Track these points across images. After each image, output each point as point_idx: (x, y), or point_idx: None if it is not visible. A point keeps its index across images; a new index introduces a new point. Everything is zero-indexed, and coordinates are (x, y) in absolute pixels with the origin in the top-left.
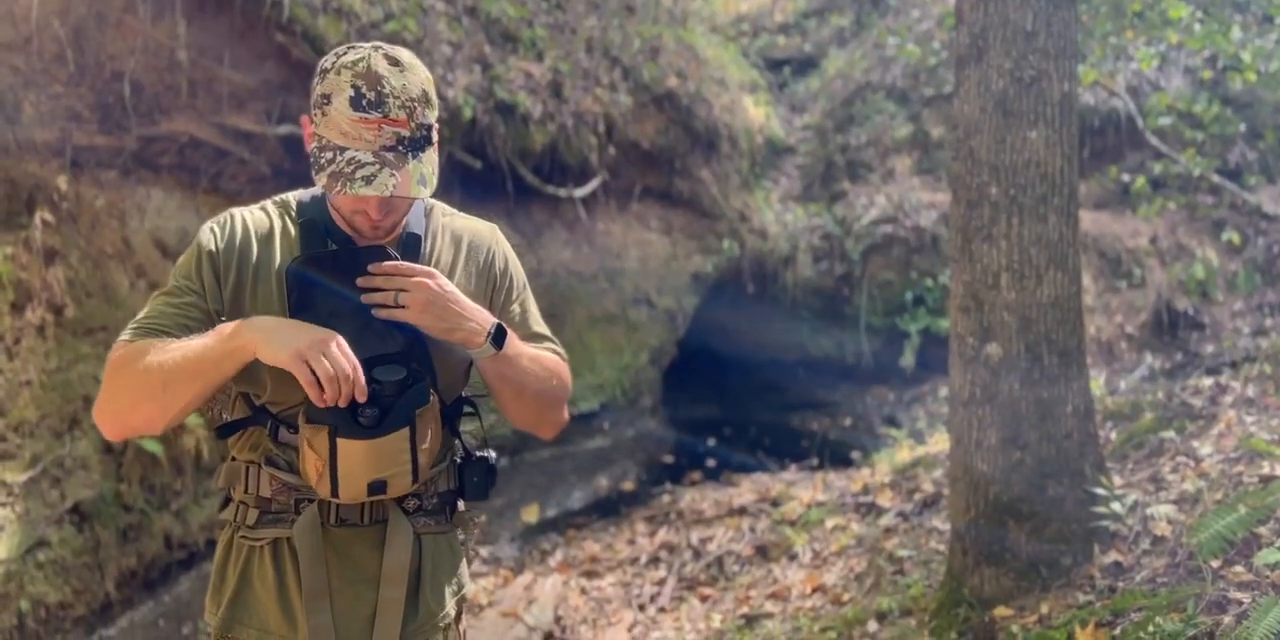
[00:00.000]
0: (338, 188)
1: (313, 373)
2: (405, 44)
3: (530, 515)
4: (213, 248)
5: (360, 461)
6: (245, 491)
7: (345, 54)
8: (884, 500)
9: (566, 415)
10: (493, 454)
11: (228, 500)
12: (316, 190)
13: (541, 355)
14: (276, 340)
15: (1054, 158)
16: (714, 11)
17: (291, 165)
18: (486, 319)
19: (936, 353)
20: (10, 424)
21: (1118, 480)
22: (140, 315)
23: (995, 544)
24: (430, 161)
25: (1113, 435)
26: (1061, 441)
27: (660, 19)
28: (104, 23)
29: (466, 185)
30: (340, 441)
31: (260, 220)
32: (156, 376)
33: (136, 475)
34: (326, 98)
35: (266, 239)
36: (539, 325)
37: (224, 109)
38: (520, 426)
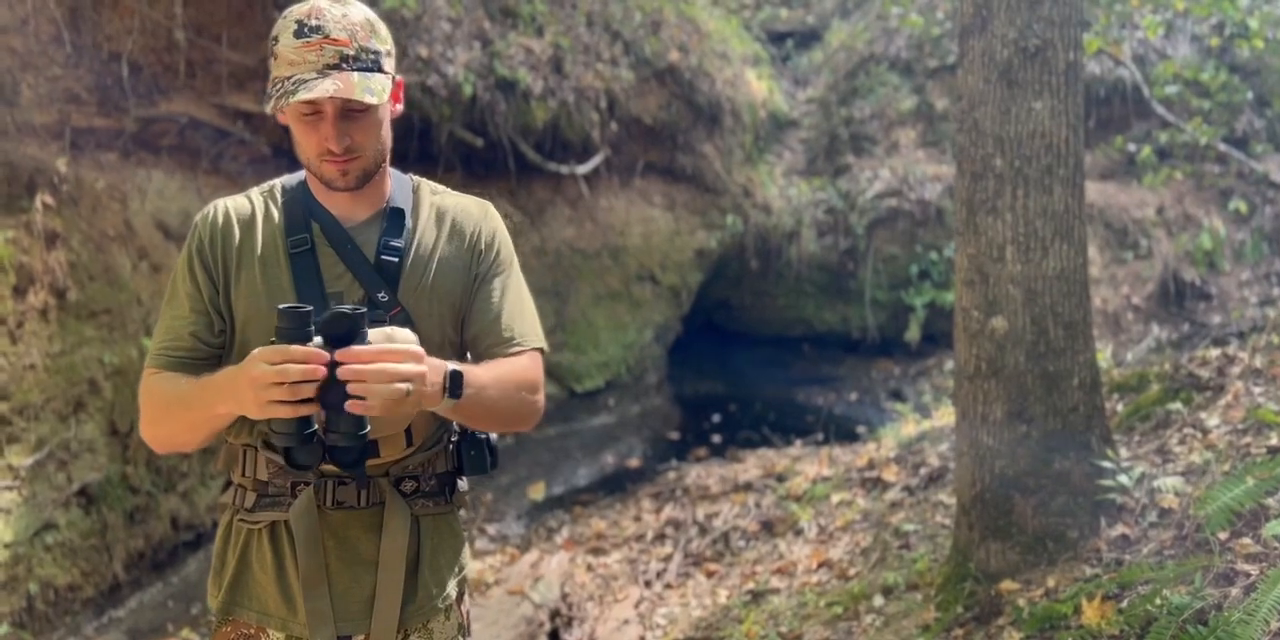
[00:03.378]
0: (281, 103)
1: (284, 403)
2: (404, 21)
3: (536, 493)
4: (197, 244)
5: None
6: (243, 474)
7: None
8: (889, 475)
9: (540, 406)
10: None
11: (229, 483)
12: (301, 173)
13: (505, 374)
14: (238, 403)
15: (1059, 128)
16: None
17: (293, 145)
18: (438, 372)
19: (942, 327)
20: (15, 407)
21: (1124, 453)
22: (156, 337)
23: (1001, 518)
24: (380, 83)
25: (1119, 407)
26: (1068, 415)
27: None
28: (101, 3)
29: (468, 163)
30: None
31: (242, 206)
32: (181, 419)
33: (143, 457)
34: (275, 39)
35: (249, 224)
36: (513, 317)
37: (223, 89)
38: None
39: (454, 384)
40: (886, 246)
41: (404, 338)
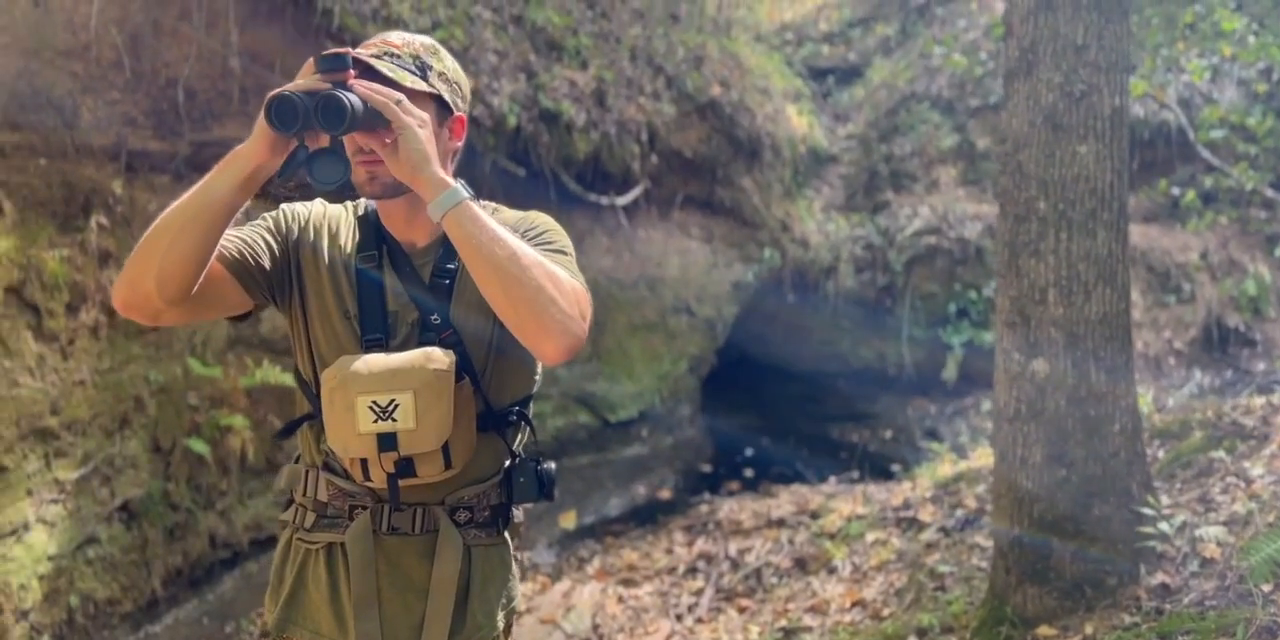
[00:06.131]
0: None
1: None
2: (452, 52)
3: (568, 522)
4: (287, 208)
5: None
6: (304, 494)
7: None
8: (925, 515)
9: (573, 330)
10: (550, 464)
11: (289, 501)
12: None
13: (528, 249)
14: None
15: (1104, 172)
16: (758, 20)
17: None
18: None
19: (980, 366)
20: (64, 422)
21: (1165, 500)
22: None
23: (1039, 562)
24: (413, 81)
25: (1160, 454)
26: (1108, 460)
27: (704, 28)
28: (160, 30)
29: (510, 192)
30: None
31: (335, 211)
32: (167, 224)
33: (184, 475)
34: None
35: (335, 229)
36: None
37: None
38: (517, 336)
39: (455, 189)
40: (925, 284)
41: (439, 356)
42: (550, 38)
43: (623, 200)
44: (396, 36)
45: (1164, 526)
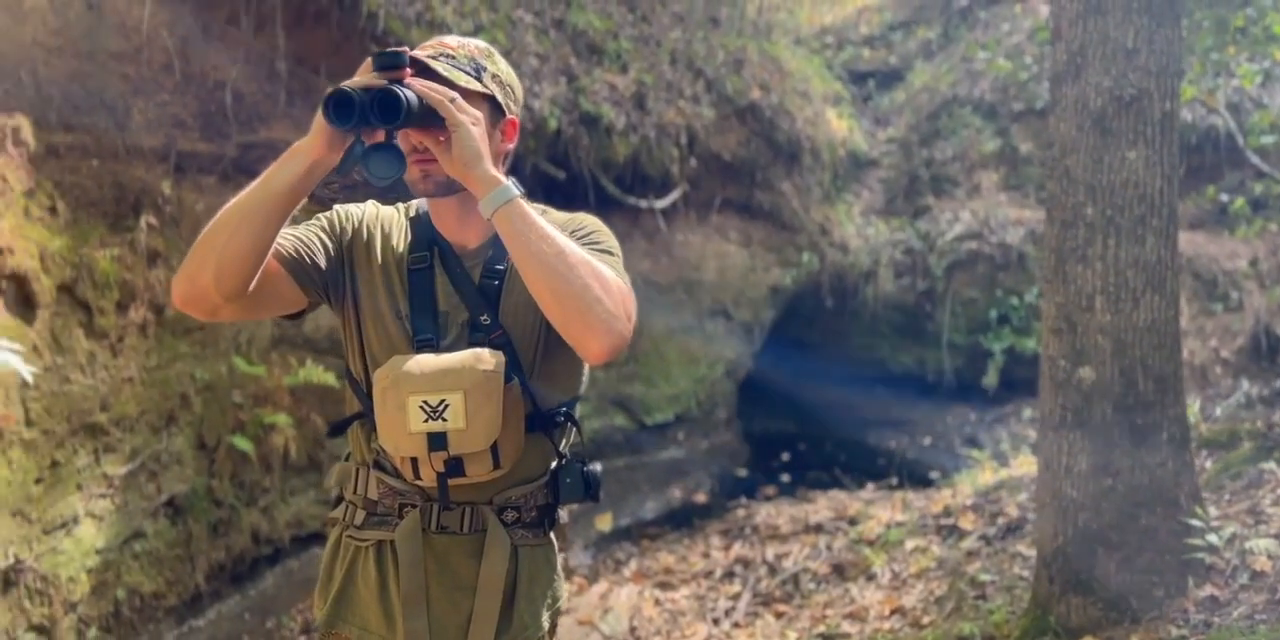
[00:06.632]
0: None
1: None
2: None
3: (603, 524)
4: (340, 209)
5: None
6: (354, 492)
7: None
8: (966, 523)
9: (618, 329)
10: (596, 466)
11: (339, 499)
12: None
13: (576, 247)
14: (303, 142)
15: (1153, 178)
16: (798, 24)
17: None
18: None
19: (1021, 373)
20: (113, 418)
21: (1213, 511)
22: None
23: (1084, 572)
24: (467, 81)
25: (1208, 464)
26: (1155, 469)
27: (744, 31)
28: (209, 34)
29: (550, 195)
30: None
31: (388, 212)
32: (227, 220)
33: (228, 471)
34: None
35: (388, 230)
36: (609, 267)
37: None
38: (562, 333)
39: (507, 187)
40: (965, 289)
41: (488, 357)
42: (591, 41)
43: (661, 203)
44: (452, 39)
45: (1212, 538)
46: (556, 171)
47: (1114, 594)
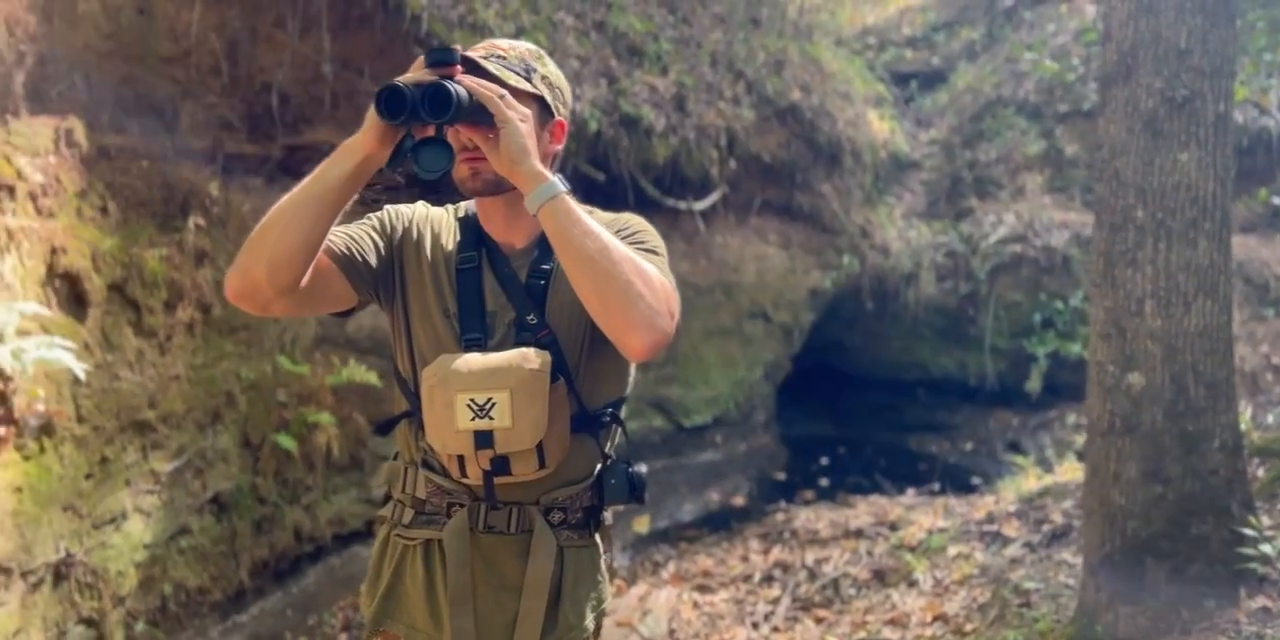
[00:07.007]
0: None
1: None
2: None
3: (641, 526)
4: (391, 209)
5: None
6: (403, 491)
7: None
8: (1010, 530)
9: (660, 326)
10: (641, 467)
11: (388, 497)
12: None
13: (620, 244)
14: (357, 137)
15: (1206, 181)
16: (840, 25)
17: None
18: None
19: (1065, 378)
20: (160, 416)
21: (1266, 521)
22: None
23: (1132, 582)
24: (517, 81)
25: (1260, 472)
26: (1207, 477)
27: (785, 32)
28: (256, 37)
29: (589, 196)
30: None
31: (438, 213)
32: (283, 212)
33: (272, 469)
34: None
35: (438, 230)
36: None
37: (363, 120)
38: (604, 329)
39: (553, 182)
40: (1009, 293)
41: (534, 356)
42: (631, 43)
43: (701, 205)
44: (504, 41)
45: (1265, 548)
46: (596, 173)
47: (1164, 604)
